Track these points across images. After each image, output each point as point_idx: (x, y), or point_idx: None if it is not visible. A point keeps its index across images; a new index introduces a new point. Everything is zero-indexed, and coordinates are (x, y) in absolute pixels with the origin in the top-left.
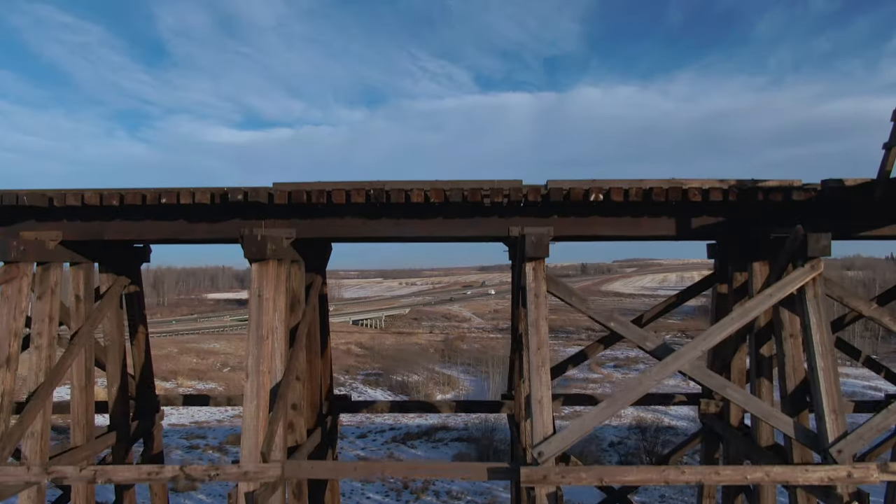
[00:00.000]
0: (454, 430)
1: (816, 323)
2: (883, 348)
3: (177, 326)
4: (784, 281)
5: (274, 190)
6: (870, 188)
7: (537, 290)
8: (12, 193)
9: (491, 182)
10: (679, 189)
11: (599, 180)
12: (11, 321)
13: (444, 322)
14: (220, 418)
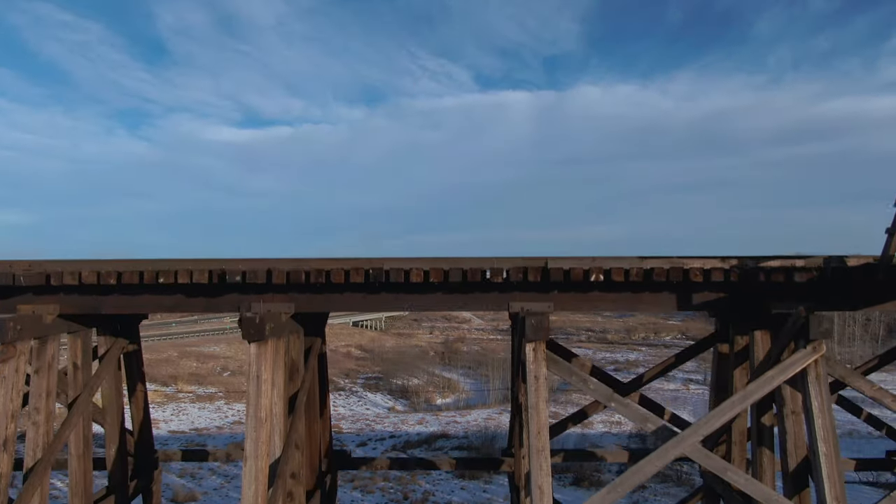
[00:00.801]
0: (454, 437)
1: (818, 406)
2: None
3: (176, 329)
4: (786, 363)
5: (273, 269)
6: (872, 269)
7: (537, 373)
8: (9, 273)
9: (490, 260)
10: (680, 269)
11: (600, 258)
12: (8, 402)
13: (445, 323)
14: (220, 424)
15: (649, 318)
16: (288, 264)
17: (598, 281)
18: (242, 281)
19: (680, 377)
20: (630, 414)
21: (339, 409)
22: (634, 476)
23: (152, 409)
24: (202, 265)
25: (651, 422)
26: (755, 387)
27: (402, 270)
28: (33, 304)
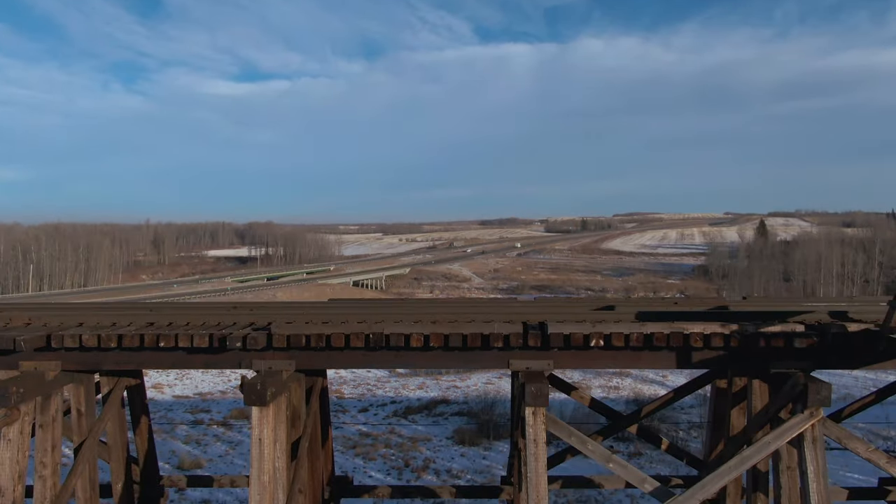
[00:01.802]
0: (455, 403)
1: (814, 471)
2: None
3: (178, 290)
4: (783, 428)
5: (273, 333)
6: (873, 337)
7: (537, 437)
8: (10, 337)
9: (490, 326)
10: (680, 335)
11: (600, 324)
12: (15, 465)
13: (445, 282)
14: (223, 389)
15: (647, 276)
16: (288, 330)
17: (599, 346)
18: (243, 346)
19: None
20: (628, 474)
21: (340, 373)
22: None
23: (155, 373)
24: (202, 330)
25: (648, 483)
26: (752, 452)
27: (403, 335)
28: (35, 360)
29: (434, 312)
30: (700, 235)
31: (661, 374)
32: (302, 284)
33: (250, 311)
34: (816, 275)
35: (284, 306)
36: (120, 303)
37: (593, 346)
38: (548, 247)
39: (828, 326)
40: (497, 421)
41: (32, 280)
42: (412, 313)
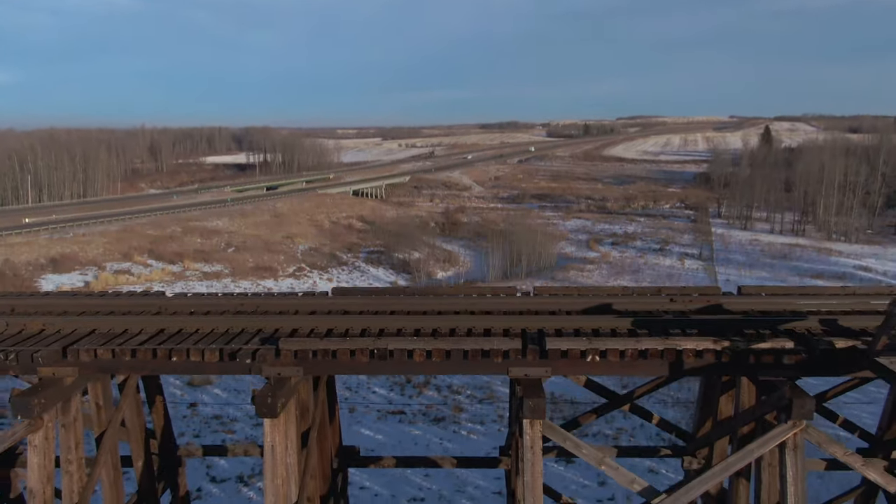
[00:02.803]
0: None
1: (793, 476)
2: (878, 222)
3: (178, 201)
4: (767, 437)
5: (281, 349)
6: (858, 356)
7: (534, 446)
8: (27, 353)
9: (490, 341)
10: (674, 351)
11: (596, 339)
12: (43, 469)
13: (445, 191)
14: None
15: (649, 184)
16: (296, 345)
17: (595, 361)
18: (252, 359)
19: (676, 252)
20: (618, 476)
21: (342, 286)
22: None
23: (160, 287)
24: (213, 345)
25: (637, 483)
26: (735, 459)
27: (406, 350)
28: (54, 366)
29: (436, 309)
30: (703, 141)
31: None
32: (302, 195)
33: (257, 315)
34: (818, 186)
35: (290, 303)
36: (130, 306)
37: (589, 362)
38: (549, 153)
39: (816, 342)
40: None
41: (31, 191)
42: (415, 309)
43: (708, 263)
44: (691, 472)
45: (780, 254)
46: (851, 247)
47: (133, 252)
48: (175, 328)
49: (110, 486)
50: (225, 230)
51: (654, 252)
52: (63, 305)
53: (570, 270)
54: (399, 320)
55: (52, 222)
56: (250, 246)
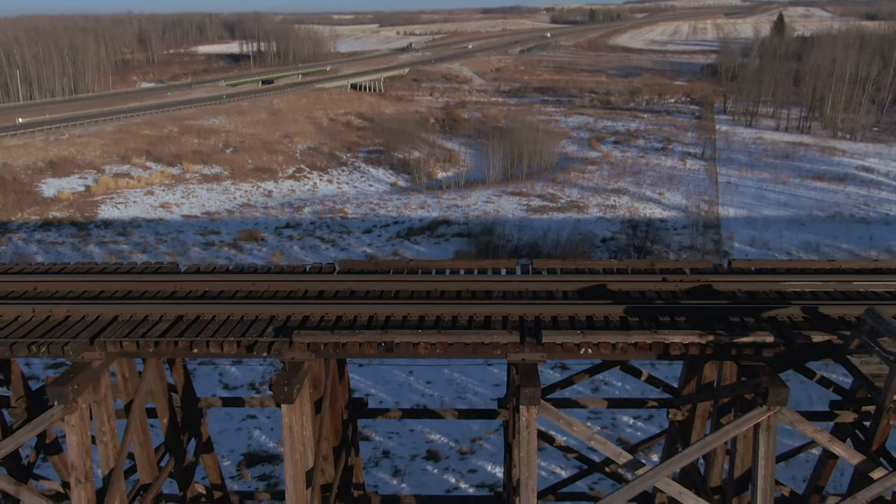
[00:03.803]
0: (455, 224)
1: (764, 453)
2: (886, 119)
3: (172, 98)
4: (743, 419)
5: (295, 341)
6: (833, 350)
7: (530, 429)
8: (59, 344)
9: (490, 335)
10: (662, 344)
11: (590, 333)
12: (81, 445)
13: (445, 84)
14: (229, 208)
15: (654, 77)
16: (308, 337)
17: (588, 354)
18: (268, 350)
19: (678, 151)
20: (606, 450)
21: (343, 188)
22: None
23: (161, 191)
24: (231, 337)
25: (622, 457)
26: (712, 439)
27: (411, 344)
28: (83, 352)
29: (438, 290)
30: (713, 29)
31: (658, 192)
32: (299, 90)
33: (270, 300)
34: (828, 81)
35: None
36: (147, 284)
37: (583, 354)
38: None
39: (795, 336)
40: (496, 244)
41: (21, 86)
42: (419, 290)
43: (710, 164)
44: (675, 423)
45: (783, 153)
46: (856, 145)
47: (131, 154)
48: (193, 315)
49: (141, 448)
50: (222, 129)
51: (657, 151)
52: (83, 285)
53: (571, 172)
54: (404, 307)
55: (46, 122)
56: (249, 146)
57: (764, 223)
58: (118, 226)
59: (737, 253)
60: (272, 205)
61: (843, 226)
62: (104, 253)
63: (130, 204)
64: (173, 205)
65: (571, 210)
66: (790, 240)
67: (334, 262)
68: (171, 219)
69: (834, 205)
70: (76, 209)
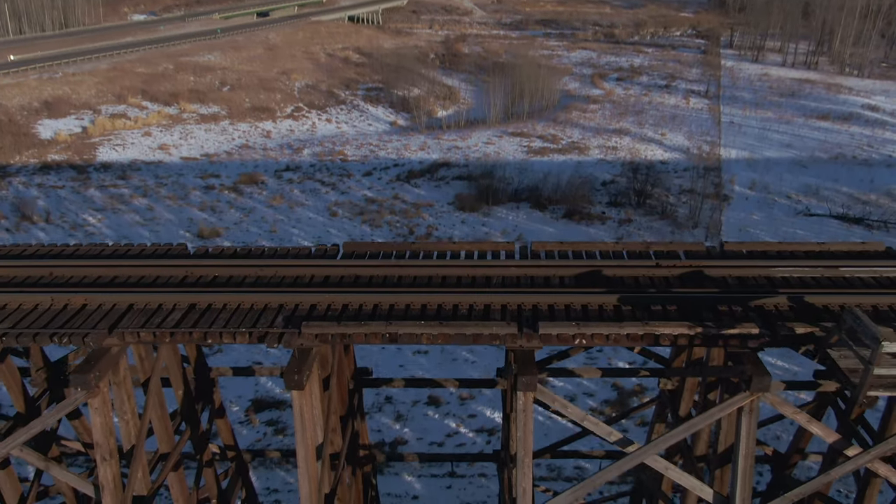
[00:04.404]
0: (455, 166)
1: (746, 432)
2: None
3: (165, 32)
4: (727, 403)
5: (304, 332)
6: (816, 341)
7: (526, 412)
8: (79, 335)
9: (489, 327)
10: (652, 336)
11: (584, 325)
12: (104, 425)
13: (445, 16)
14: (228, 149)
15: (660, 8)
16: (316, 329)
17: (582, 345)
18: (279, 340)
19: (682, 88)
20: (597, 430)
21: (342, 127)
22: (597, 479)
23: (159, 132)
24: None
25: (613, 436)
26: (698, 420)
27: (414, 334)
28: (103, 340)
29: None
30: None
31: (660, 133)
32: (295, 23)
33: (277, 287)
34: (839, 14)
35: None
36: (158, 270)
37: (578, 344)
38: None
39: (779, 328)
40: (496, 186)
41: (11, 21)
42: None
43: (713, 102)
44: (665, 392)
45: (789, 91)
46: (863, 82)
47: (126, 93)
48: (205, 303)
49: (159, 421)
50: (218, 66)
51: (660, 89)
52: (97, 270)
53: (573, 111)
54: (407, 296)
55: (38, 60)
56: (245, 84)
57: (765, 165)
58: (117, 169)
59: (736, 197)
60: (271, 146)
61: (844, 168)
62: (105, 197)
63: (128, 146)
64: (172, 147)
65: (572, 152)
66: (790, 183)
67: (338, 245)
68: (171, 161)
69: (837, 146)
70: (74, 151)
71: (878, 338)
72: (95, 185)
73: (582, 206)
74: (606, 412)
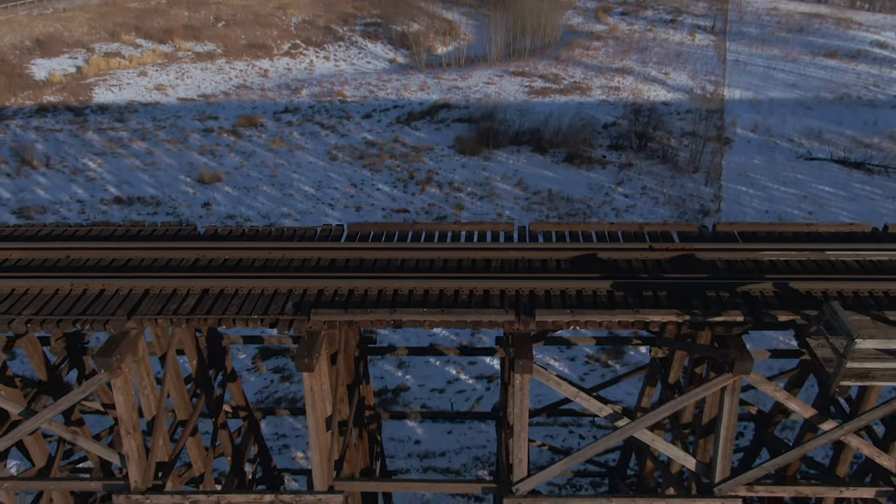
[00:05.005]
0: (456, 108)
1: (727, 409)
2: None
3: None
4: (711, 383)
5: (313, 319)
6: (797, 327)
7: (523, 390)
8: (101, 321)
9: (488, 314)
10: (643, 322)
11: (578, 312)
12: (127, 402)
13: None
14: (226, 89)
15: None
16: (325, 316)
17: (576, 330)
18: (289, 326)
19: (688, 24)
20: (589, 405)
21: (340, 65)
22: (589, 450)
23: (154, 71)
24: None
25: (604, 410)
26: (683, 399)
27: (417, 321)
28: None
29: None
30: None
31: (664, 72)
32: None
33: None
34: None
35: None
36: (170, 252)
37: (572, 329)
38: None
39: (763, 315)
40: (497, 129)
41: None
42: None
43: (719, 38)
44: (656, 359)
45: (797, 26)
46: (874, 16)
47: (119, 30)
48: (217, 288)
49: (176, 392)
50: (212, 0)
51: (665, 24)
52: (111, 252)
53: (575, 49)
54: (410, 281)
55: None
56: (241, 19)
57: (769, 106)
58: (114, 111)
59: (738, 139)
60: (269, 86)
61: (848, 109)
62: (103, 140)
63: (124, 86)
64: (168, 87)
65: (574, 92)
66: (794, 126)
67: (343, 225)
68: (168, 102)
69: (843, 86)
70: (70, 93)
71: (853, 335)
72: (93, 127)
73: (583, 150)
74: (603, 359)
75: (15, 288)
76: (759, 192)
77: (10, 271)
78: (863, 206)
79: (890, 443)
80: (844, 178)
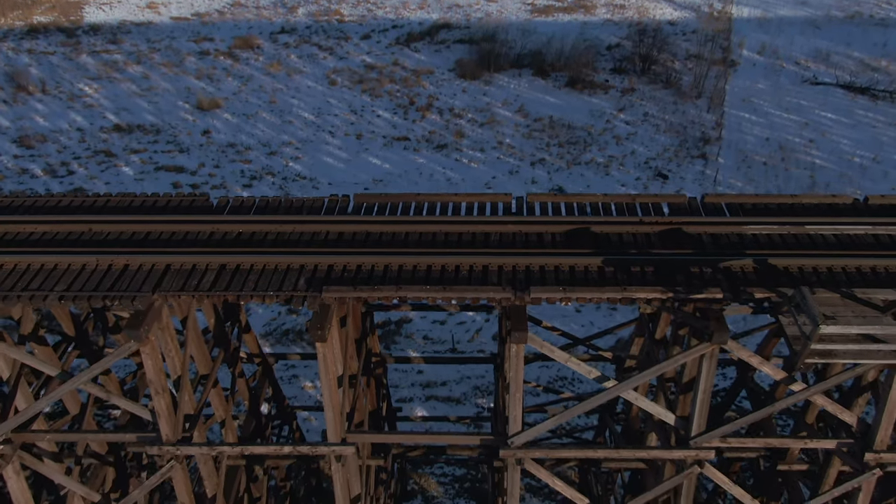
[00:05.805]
0: (456, 28)
1: (705, 375)
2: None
3: None
4: (692, 351)
5: (325, 297)
6: (774, 305)
7: (518, 358)
8: (128, 297)
9: (486, 291)
10: (629, 299)
11: (570, 290)
12: (156, 367)
13: None
14: (220, 7)
15: None
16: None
17: (567, 305)
18: (303, 302)
19: None
20: (579, 368)
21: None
22: (578, 408)
23: None
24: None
25: (593, 374)
26: (665, 364)
27: (421, 297)
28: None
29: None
30: None
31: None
32: None
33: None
34: None
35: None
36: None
37: (564, 304)
38: None
39: (741, 292)
40: (498, 51)
41: None
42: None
43: None
44: (645, 315)
45: None
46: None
47: None
48: (234, 264)
49: (198, 351)
50: None
51: None
52: (131, 226)
53: None
54: (413, 257)
55: None
56: None
57: (778, 26)
58: (107, 31)
59: (744, 62)
60: (264, 3)
61: (859, 29)
62: (98, 64)
63: (115, 4)
64: (160, 5)
65: (578, 11)
66: (801, 47)
67: (349, 196)
68: (161, 22)
69: (854, 2)
70: (60, 12)
71: (818, 321)
72: (87, 50)
73: (585, 74)
74: None
75: (44, 263)
76: (762, 118)
77: (36, 245)
78: (864, 133)
79: (852, 400)
80: (848, 105)
